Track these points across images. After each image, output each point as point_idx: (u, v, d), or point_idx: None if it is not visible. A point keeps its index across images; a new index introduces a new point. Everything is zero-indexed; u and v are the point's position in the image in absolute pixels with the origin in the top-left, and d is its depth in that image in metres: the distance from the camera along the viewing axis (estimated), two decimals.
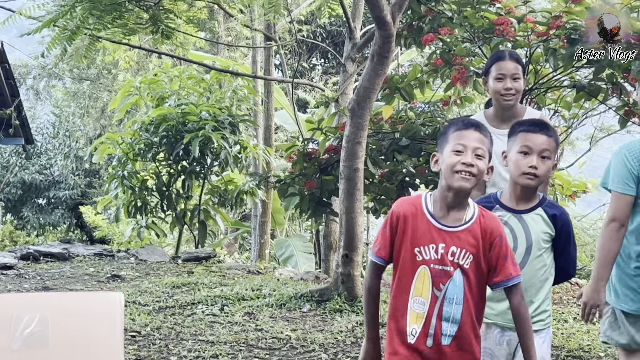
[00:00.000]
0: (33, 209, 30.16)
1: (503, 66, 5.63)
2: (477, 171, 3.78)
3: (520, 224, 4.25)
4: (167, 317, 8.42)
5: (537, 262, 4.24)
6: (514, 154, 4.23)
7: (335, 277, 9.15)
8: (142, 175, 13.25)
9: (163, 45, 13.32)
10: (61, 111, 32.14)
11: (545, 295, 4.30)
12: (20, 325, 2.09)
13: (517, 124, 4.40)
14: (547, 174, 4.28)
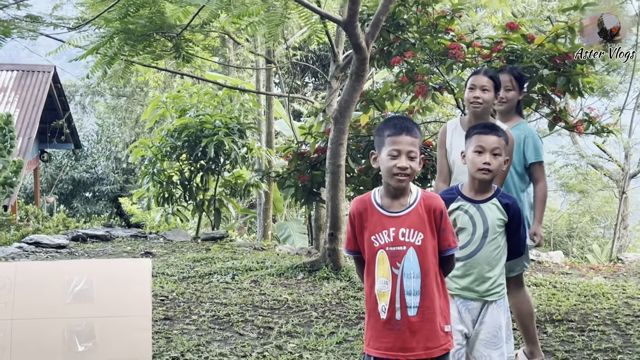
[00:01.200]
0: (81, 201, 30.24)
1: (476, 79, 5.47)
2: (411, 171, 3.71)
3: (479, 212, 4.28)
4: (189, 284, 8.50)
5: (492, 243, 4.27)
6: (470, 153, 4.24)
7: (323, 251, 9.25)
8: (169, 172, 13.32)
9: (184, 67, 13.37)
10: (103, 122, 32.19)
11: (500, 271, 4.33)
12: (72, 285, 2.19)
13: (471, 128, 4.39)
14: (499, 168, 4.27)
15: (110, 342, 2.14)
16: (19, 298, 2.16)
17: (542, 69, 9.10)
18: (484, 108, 5.35)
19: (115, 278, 2.21)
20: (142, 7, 9.56)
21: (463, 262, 4.27)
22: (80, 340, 2.15)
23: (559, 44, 9.25)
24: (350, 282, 8.51)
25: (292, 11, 10.86)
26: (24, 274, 2.24)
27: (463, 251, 4.24)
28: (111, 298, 2.17)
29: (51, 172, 30.54)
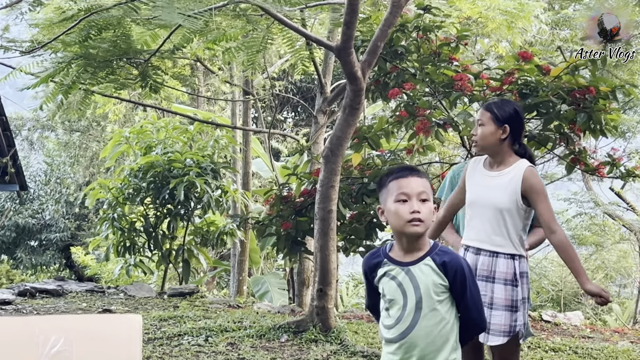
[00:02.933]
0: (26, 250, 29.98)
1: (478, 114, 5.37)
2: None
3: (408, 277, 3.70)
4: (155, 347, 8.36)
5: (431, 316, 3.68)
6: (392, 204, 3.70)
7: (310, 309, 9.12)
8: (131, 217, 13.22)
9: (149, 99, 13.36)
10: (53, 160, 32.07)
11: (451, 352, 3.72)
12: (48, 346, 2.10)
13: (384, 176, 3.87)
14: (431, 217, 3.70)
15: None
16: None
17: (559, 104, 9.12)
18: (483, 146, 5.18)
19: (99, 337, 2.11)
20: (106, 29, 9.54)
21: (397, 343, 3.73)
22: None
23: (578, 76, 9.29)
24: (342, 345, 8.39)
25: (276, 35, 10.86)
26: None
27: (395, 330, 3.74)
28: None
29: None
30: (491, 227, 4.98)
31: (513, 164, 5.04)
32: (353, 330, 9.35)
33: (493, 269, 4.94)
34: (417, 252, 3.71)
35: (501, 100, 5.26)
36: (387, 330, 3.76)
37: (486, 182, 5.06)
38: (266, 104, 20.09)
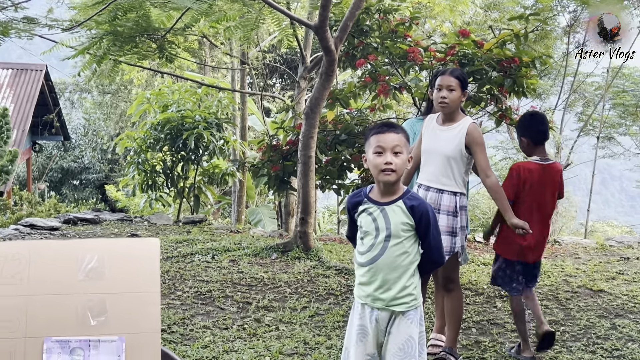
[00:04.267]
0: (70, 188, 29.89)
1: (443, 79, 5.13)
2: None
3: (382, 215, 3.62)
4: (173, 264, 8.36)
5: (396, 248, 3.62)
6: (371, 155, 3.62)
7: (294, 234, 9.15)
8: (152, 162, 13.13)
9: (166, 67, 13.19)
10: (89, 116, 31.81)
11: (408, 279, 3.64)
12: (84, 263, 2.07)
13: (368, 130, 3.76)
14: (403, 167, 3.62)
15: (121, 316, 2.03)
16: (34, 275, 2.04)
17: (490, 72, 9.09)
18: (451, 107, 5.05)
19: (125, 256, 2.09)
20: (130, 11, 9.37)
21: (367, 267, 3.68)
22: (93, 315, 2.04)
23: (505, 49, 9.25)
24: (320, 261, 8.43)
25: (266, 16, 10.74)
26: (38, 252, 2.12)
27: (366, 255, 3.69)
28: (122, 275, 2.05)
29: (42, 161, 30.13)
30: (439, 170, 4.99)
31: (460, 120, 5.03)
32: (328, 250, 9.38)
33: (439, 202, 4.97)
34: (391, 195, 3.64)
35: (460, 70, 5.23)
36: (360, 255, 3.73)
37: (438, 135, 5.04)
38: (259, 72, 19.90)
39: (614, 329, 6.13)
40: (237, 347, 5.59)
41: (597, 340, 5.85)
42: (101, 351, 2.01)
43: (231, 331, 5.98)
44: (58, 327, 2.01)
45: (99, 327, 2.03)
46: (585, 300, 7.08)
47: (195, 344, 5.64)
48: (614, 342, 5.79)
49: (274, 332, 5.97)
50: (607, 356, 5.48)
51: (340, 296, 7.10)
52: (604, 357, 5.45)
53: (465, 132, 4.95)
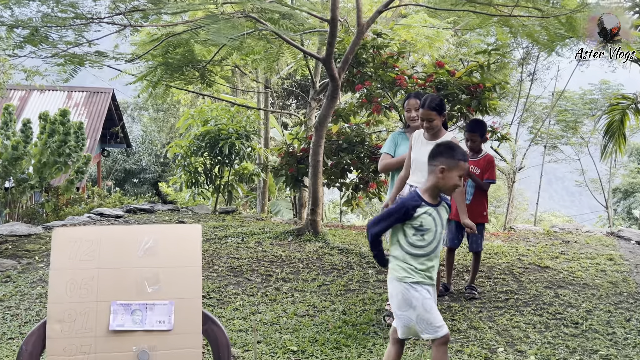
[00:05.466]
0: (131, 185, 29.93)
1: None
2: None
3: (437, 214, 3.64)
4: (211, 244, 8.36)
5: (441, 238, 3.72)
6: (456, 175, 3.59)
7: (306, 221, 9.13)
8: (195, 164, 13.13)
9: (206, 90, 13.20)
10: (146, 129, 31.83)
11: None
12: (142, 243, 2.08)
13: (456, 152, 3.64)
14: None
15: (171, 285, 2.04)
16: (104, 252, 2.05)
17: (460, 95, 9.07)
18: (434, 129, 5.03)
19: (174, 238, 2.11)
20: (178, 46, 9.38)
21: (431, 255, 3.65)
22: (149, 284, 2.05)
23: (472, 77, 9.23)
24: (326, 243, 8.42)
25: (285, 51, 10.73)
26: (108, 234, 2.14)
27: (429, 247, 3.64)
28: (171, 253, 2.06)
29: (109, 164, 30.18)
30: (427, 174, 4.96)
31: (442, 136, 4.95)
32: (332, 234, 9.37)
33: None
34: (437, 198, 3.67)
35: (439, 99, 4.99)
36: (419, 248, 3.62)
37: (426, 148, 4.69)
38: (278, 94, 19.86)
39: (557, 297, 6.11)
40: (261, 310, 5.60)
41: (544, 306, 5.84)
42: (155, 312, 2.03)
43: (256, 297, 5.99)
44: (122, 293, 2.03)
45: (154, 294, 2.05)
46: (534, 274, 7.06)
47: (228, 307, 5.65)
48: (557, 307, 5.78)
49: (289, 298, 5.97)
50: (551, 318, 5.47)
51: (342, 270, 7.09)
52: (549, 319, 5.44)
53: None
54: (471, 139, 6.16)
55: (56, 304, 1.99)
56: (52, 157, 12.78)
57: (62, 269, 2.02)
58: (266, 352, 4.59)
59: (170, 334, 2.01)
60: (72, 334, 1.96)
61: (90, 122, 21.88)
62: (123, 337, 1.99)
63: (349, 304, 5.81)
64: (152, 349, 1.99)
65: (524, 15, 8.05)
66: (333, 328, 5.12)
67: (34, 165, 12.73)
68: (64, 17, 7.63)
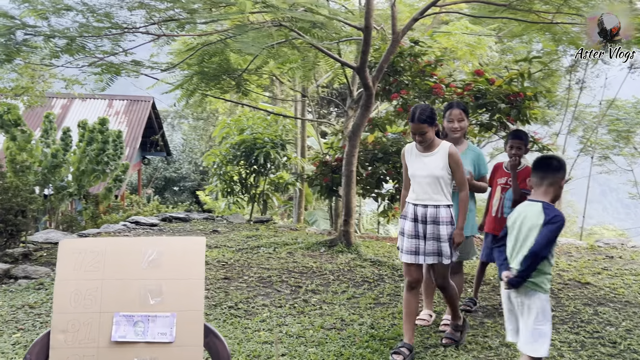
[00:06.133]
0: (171, 193, 30.41)
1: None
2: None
3: None
4: (242, 254, 8.45)
5: None
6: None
7: (339, 232, 9.14)
8: (231, 173, 13.30)
9: (244, 99, 13.35)
10: (186, 137, 32.34)
11: None
12: (146, 255, 2.13)
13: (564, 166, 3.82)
14: None
15: (173, 297, 2.09)
16: (108, 263, 2.11)
17: (499, 104, 8.97)
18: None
19: (178, 251, 2.15)
20: (214, 55, 9.55)
21: None
22: (152, 296, 2.10)
23: (512, 85, 9.12)
24: (358, 254, 8.41)
25: (321, 60, 10.80)
26: (112, 246, 2.20)
27: None
28: (175, 265, 2.11)
29: (150, 172, 30.75)
30: (431, 189, 4.67)
31: (438, 145, 4.70)
32: (365, 246, 9.35)
33: (438, 215, 4.65)
34: None
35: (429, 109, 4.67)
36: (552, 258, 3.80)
37: (422, 160, 4.71)
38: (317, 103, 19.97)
39: (596, 315, 5.98)
40: (288, 322, 5.63)
41: (581, 324, 5.71)
42: (157, 324, 2.08)
43: (284, 309, 6.02)
44: (125, 304, 2.09)
45: (157, 306, 2.10)
46: (574, 290, 6.91)
47: (255, 318, 5.70)
48: (595, 325, 5.65)
49: (317, 311, 5.99)
50: (588, 337, 5.35)
51: (373, 283, 7.07)
52: (586, 338, 5.32)
53: (447, 155, 4.66)
54: (517, 146, 5.87)
55: (60, 314, 2.06)
56: (91, 165, 13.12)
57: (67, 279, 2.09)
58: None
59: (172, 346, 2.05)
60: (75, 344, 2.02)
61: (130, 130, 22.35)
62: (125, 349, 2.05)
63: (378, 317, 5.79)
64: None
65: (566, 23, 7.92)
66: (360, 342, 5.11)
67: (73, 173, 13.09)
68: (100, 26, 7.85)
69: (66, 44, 7.68)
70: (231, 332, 5.29)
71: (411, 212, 4.76)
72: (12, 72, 9.35)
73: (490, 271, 7.84)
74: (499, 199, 6.02)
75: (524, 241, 3.72)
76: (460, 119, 5.38)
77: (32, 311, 5.91)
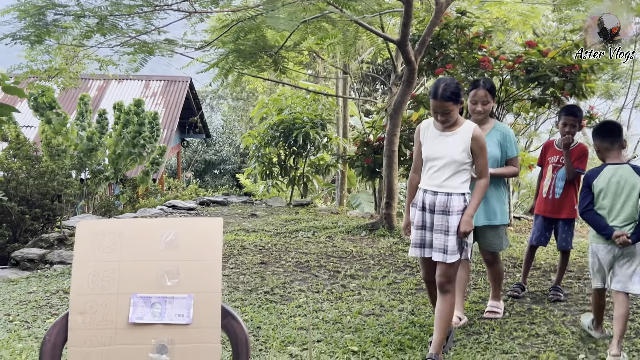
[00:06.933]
0: (211, 176, 30.85)
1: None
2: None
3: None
4: (280, 238, 8.56)
5: None
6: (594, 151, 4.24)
7: (381, 215, 9.17)
8: (270, 155, 13.42)
9: (284, 77, 13.42)
10: (226, 118, 32.70)
11: None
12: (164, 235, 2.21)
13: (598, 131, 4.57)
14: None
15: (190, 279, 2.16)
16: (125, 244, 2.19)
17: (553, 77, 8.79)
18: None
19: (195, 232, 2.23)
20: (249, 32, 9.62)
21: None
22: (169, 277, 2.18)
23: (567, 57, 8.93)
24: (401, 239, 8.42)
25: (362, 35, 10.77)
26: (130, 227, 2.28)
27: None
28: (192, 247, 2.18)
29: (189, 154, 31.22)
30: (446, 175, 4.29)
31: (461, 124, 4.31)
32: None
33: (449, 204, 4.26)
34: None
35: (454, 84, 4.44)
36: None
37: (441, 141, 4.32)
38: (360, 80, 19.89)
39: None
40: (325, 308, 5.70)
41: (638, 310, 5.60)
42: (175, 305, 2.15)
43: (321, 294, 6.09)
44: (142, 285, 2.17)
45: (174, 287, 2.17)
46: None
47: (291, 303, 5.79)
48: None
49: (356, 296, 6.04)
50: None
51: (415, 268, 7.08)
52: None
53: (470, 137, 4.27)
54: (571, 123, 5.72)
55: (78, 295, 2.15)
56: (127, 148, 13.42)
57: (85, 261, 2.18)
58: (325, 352, 4.68)
59: (189, 327, 2.13)
60: (93, 326, 2.12)
61: (168, 111, 22.72)
62: (142, 330, 2.13)
63: (419, 304, 5.82)
64: (171, 342, 2.12)
65: None
66: (399, 329, 5.15)
67: (109, 157, 13.42)
68: (131, 4, 8.01)
69: (97, 23, 7.86)
70: (266, 317, 5.39)
71: (420, 199, 4.40)
72: (45, 53, 9.61)
73: (540, 255, 7.76)
74: (551, 179, 5.91)
75: (626, 200, 4.39)
76: (485, 101, 5.08)
77: (67, 297, 6.12)
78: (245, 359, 2.17)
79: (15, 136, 10.85)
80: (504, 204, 5.25)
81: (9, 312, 5.65)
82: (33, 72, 10.00)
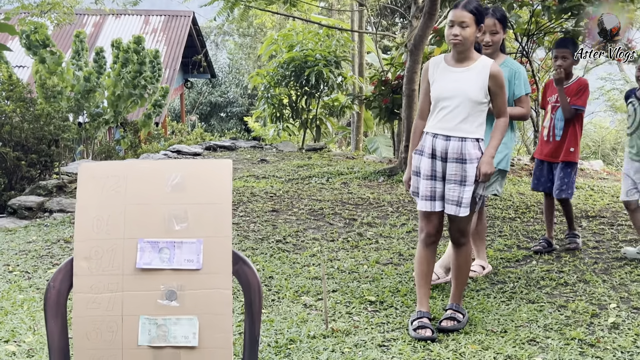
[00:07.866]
0: (217, 120, 30.87)
1: (455, 14, 3.95)
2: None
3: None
4: (292, 185, 8.62)
5: None
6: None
7: (400, 160, 9.19)
8: (280, 96, 13.37)
9: (294, 11, 13.26)
10: (233, 56, 32.51)
11: None
12: (171, 178, 2.24)
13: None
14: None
15: (199, 223, 2.21)
16: (130, 188, 2.24)
17: (588, 7, 8.64)
18: (465, 45, 3.93)
19: (203, 174, 2.26)
20: None
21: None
22: (177, 222, 2.22)
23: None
24: None
25: None
26: (134, 170, 2.31)
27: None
28: (200, 190, 2.22)
29: (193, 96, 31.18)
30: (460, 117, 3.98)
31: (476, 60, 4.01)
32: None
33: (463, 151, 3.97)
34: None
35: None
36: None
37: (454, 78, 4.00)
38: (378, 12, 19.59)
39: None
40: (340, 257, 5.78)
41: None
42: (183, 251, 2.20)
43: (337, 243, 6.17)
44: (149, 230, 2.22)
45: (182, 232, 2.22)
46: None
47: (304, 252, 5.88)
48: None
49: (373, 245, 6.12)
50: None
51: None
52: None
53: (488, 75, 3.98)
54: (562, 56, 5.53)
55: (82, 241, 2.20)
56: (127, 89, 13.41)
57: (88, 205, 2.23)
58: (341, 302, 4.77)
59: (199, 273, 2.18)
60: (99, 272, 2.18)
61: (170, 49, 22.59)
62: (151, 276, 2.19)
63: (440, 251, 5.87)
64: (180, 288, 2.17)
65: None
66: None
67: (108, 98, 13.43)
68: None
69: None
70: (279, 267, 5.48)
71: (429, 146, 4.06)
72: None
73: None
74: (550, 120, 5.77)
75: None
76: (494, 31, 4.77)
77: (68, 246, 6.25)
78: (258, 306, 2.23)
79: (8, 77, 10.87)
80: (507, 148, 4.97)
81: (8, 263, 5.78)
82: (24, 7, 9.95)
